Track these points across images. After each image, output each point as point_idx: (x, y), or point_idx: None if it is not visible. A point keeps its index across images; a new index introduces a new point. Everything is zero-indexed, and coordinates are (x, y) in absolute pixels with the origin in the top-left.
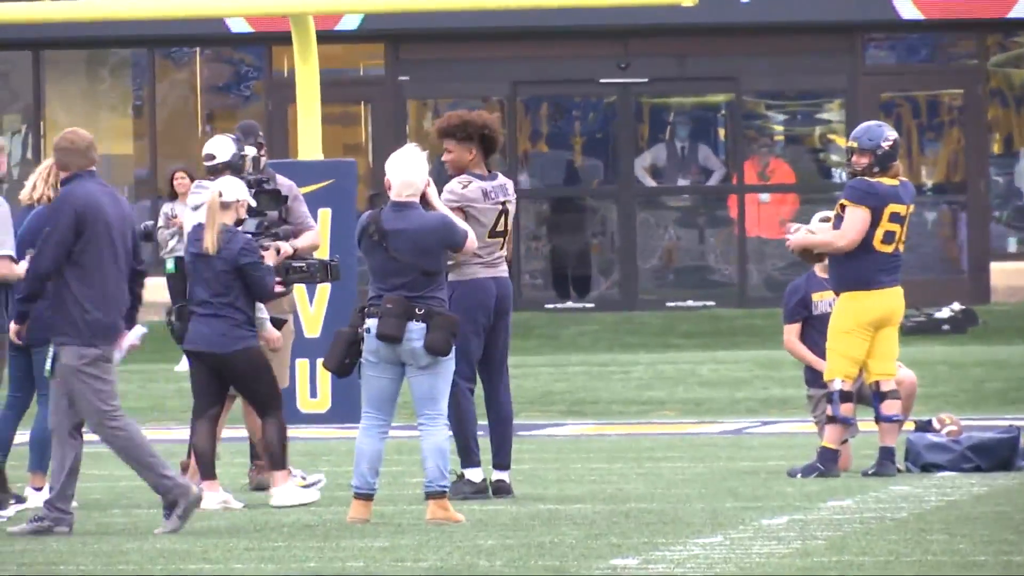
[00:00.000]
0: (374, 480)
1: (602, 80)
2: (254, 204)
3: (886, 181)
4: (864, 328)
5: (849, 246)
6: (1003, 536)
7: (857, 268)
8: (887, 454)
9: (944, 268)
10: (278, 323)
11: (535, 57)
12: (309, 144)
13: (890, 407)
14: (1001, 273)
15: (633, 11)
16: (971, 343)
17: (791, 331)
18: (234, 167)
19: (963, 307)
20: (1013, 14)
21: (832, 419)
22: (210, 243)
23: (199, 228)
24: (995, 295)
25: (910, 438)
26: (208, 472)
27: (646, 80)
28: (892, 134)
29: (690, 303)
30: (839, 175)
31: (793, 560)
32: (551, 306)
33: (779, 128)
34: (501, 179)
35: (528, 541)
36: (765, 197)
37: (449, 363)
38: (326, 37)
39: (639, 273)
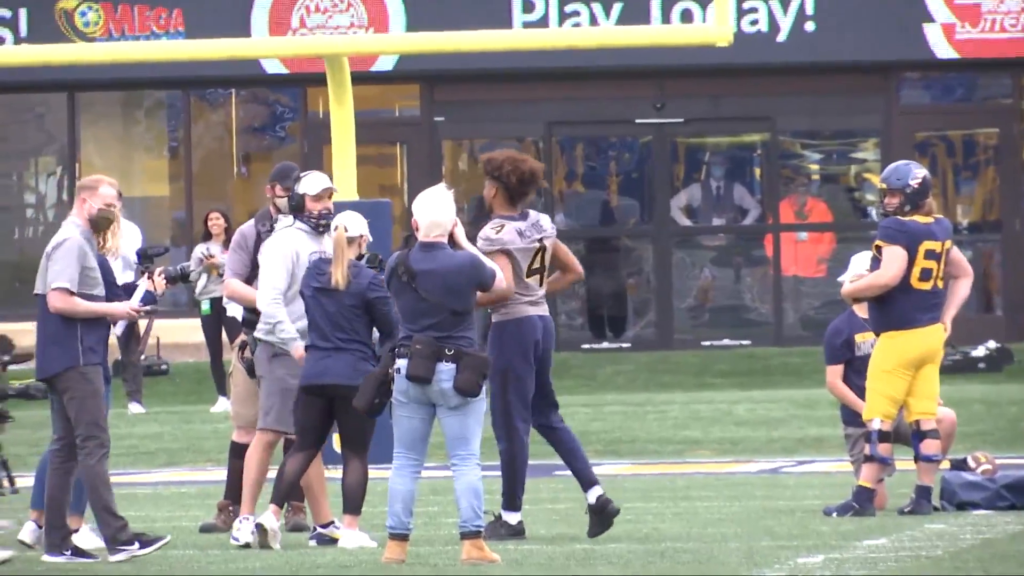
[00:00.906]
0: (408, 520)
1: (638, 120)
2: (371, 239)
3: (920, 219)
4: (905, 368)
5: (893, 280)
6: None
7: (896, 308)
8: (924, 493)
9: (980, 306)
10: None
11: (570, 98)
12: (344, 185)
13: (929, 446)
14: None
15: (668, 51)
16: (1007, 381)
17: (834, 373)
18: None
19: (999, 345)
20: None
21: (870, 458)
22: (340, 277)
23: (323, 263)
24: None
25: (945, 476)
26: (281, 498)
27: (682, 120)
28: (920, 172)
29: (726, 342)
30: (874, 214)
31: None
32: (587, 346)
33: (814, 167)
34: (535, 216)
35: None
36: (803, 236)
37: (480, 403)
38: (361, 78)
39: (675, 313)
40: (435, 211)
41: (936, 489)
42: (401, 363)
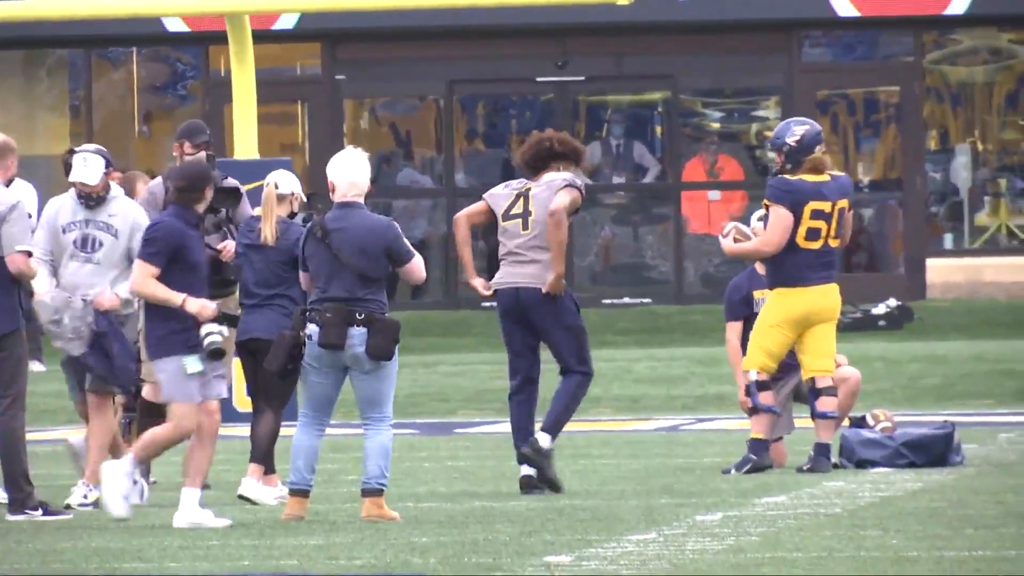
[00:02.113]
0: (311, 476)
1: (539, 79)
2: (305, 199)
3: (809, 177)
4: (789, 324)
5: (775, 249)
6: (936, 532)
7: (785, 265)
8: (822, 450)
9: (881, 264)
10: (232, 319)
11: (472, 56)
12: (245, 143)
13: (825, 403)
14: (937, 269)
15: (570, 9)
16: (907, 339)
17: (733, 329)
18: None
19: (899, 303)
20: (949, 11)
21: (754, 410)
22: (269, 233)
23: (254, 220)
24: (931, 291)
25: (844, 434)
26: (270, 465)
27: (583, 78)
28: (800, 129)
29: (627, 300)
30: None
31: (727, 556)
32: (488, 304)
33: (716, 126)
34: (549, 176)
35: (462, 538)
36: (715, 194)
37: (393, 366)
38: (262, 36)
39: (575, 270)
40: (353, 171)
41: (835, 447)
42: (312, 329)
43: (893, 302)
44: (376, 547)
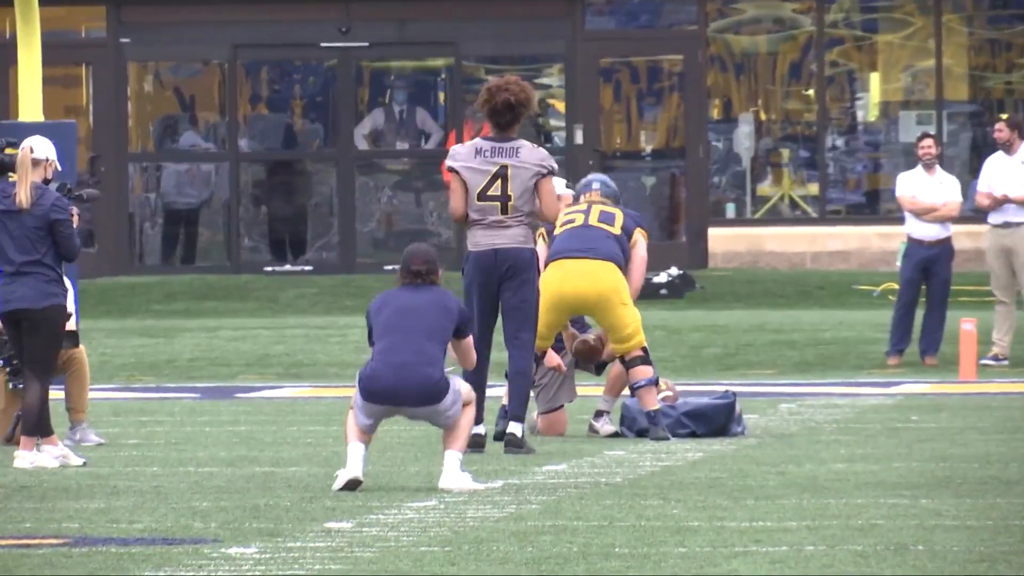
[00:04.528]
0: None
1: (323, 44)
2: (59, 168)
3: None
4: (548, 301)
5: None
6: (717, 502)
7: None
8: (652, 419)
9: (663, 233)
10: None
11: (256, 20)
12: (30, 106)
13: (637, 374)
14: (719, 239)
15: None
16: (689, 308)
17: None
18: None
19: (681, 272)
20: None
21: None
22: (23, 197)
23: (8, 186)
24: (713, 260)
25: (626, 403)
26: (32, 430)
27: (367, 44)
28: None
29: None
30: (558, 139)
31: (507, 524)
32: (269, 269)
33: None
34: (517, 143)
35: (243, 503)
36: None
37: None
38: None
39: (357, 236)
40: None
41: (616, 416)
42: None
43: (674, 271)
44: (157, 511)
